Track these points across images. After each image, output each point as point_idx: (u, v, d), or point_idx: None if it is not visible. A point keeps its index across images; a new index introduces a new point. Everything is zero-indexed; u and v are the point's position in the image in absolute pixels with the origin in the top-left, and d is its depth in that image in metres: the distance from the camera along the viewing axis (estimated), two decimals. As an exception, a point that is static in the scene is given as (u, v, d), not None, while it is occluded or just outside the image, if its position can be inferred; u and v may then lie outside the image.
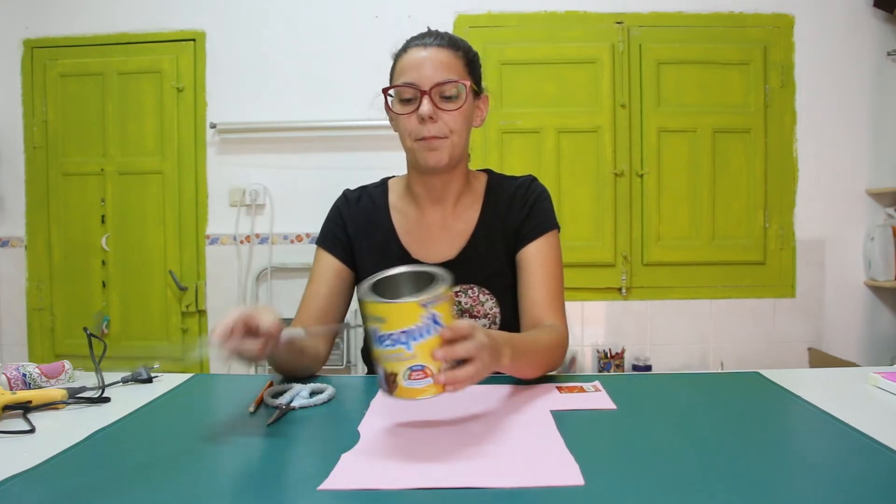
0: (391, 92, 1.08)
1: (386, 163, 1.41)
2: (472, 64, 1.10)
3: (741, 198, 2.80)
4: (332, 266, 1.16)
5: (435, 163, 1.07)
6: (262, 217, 2.86)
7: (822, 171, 2.80)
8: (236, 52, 2.83)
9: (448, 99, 1.06)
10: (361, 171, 1.32)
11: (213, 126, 2.81)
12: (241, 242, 2.86)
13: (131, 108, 2.84)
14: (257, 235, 2.86)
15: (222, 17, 2.83)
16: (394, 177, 1.25)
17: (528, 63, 2.78)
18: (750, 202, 2.80)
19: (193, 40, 2.83)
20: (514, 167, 1.17)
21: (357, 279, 1.18)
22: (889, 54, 2.77)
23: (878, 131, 2.80)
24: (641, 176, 2.79)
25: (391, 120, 1.15)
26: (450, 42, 1.08)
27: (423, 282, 0.76)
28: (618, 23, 2.79)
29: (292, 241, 2.86)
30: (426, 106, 1.03)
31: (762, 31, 2.79)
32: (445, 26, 2.59)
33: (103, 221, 2.86)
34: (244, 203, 2.83)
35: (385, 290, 0.76)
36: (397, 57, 1.10)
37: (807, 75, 2.78)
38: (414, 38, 1.10)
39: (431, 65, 1.05)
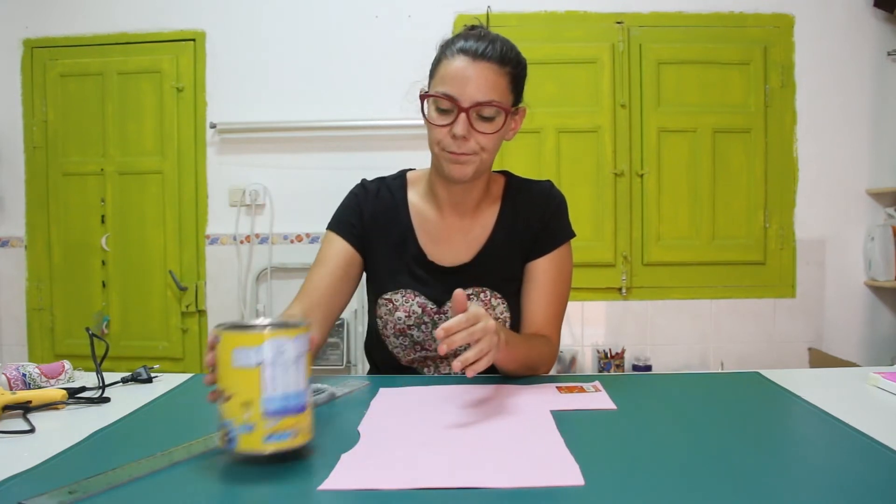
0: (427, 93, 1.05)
1: (387, 163, 1.41)
2: (516, 79, 1.07)
3: (741, 198, 2.80)
4: (342, 250, 1.14)
5: (459, 176, 1.06)
6: (261, 217, 2.86)
7: (822, 171, 2.80)
8: (236, 52, 2.83)
9: (485, 119, 1.02)
10: (362, 171, 1.31)
11: (213, 126, 2.81)
12: (241, 242, 2.86)
13: (131, 108, 2.84)
14: (257, 235, 2.86)
15: (222, 17, 2.83)
16: (412, 170, 1.22)
17: (528, 63, 2.76)
18: (750, 202, 2.80)
19: (193, 40, 2.83)
20: (514, 167, 1.17)
21: (368, 272, 1.17)
22: (889, 54, 2.77)
23: (879, 131, 2.80)
24: (641, 176, 2.79)
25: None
26: (500, 56, 1.03)
27: None
28: (618, 23, 2.79)
29: (292, 241, 2.86)
30: (461, 126, 1.01)
31: (762, 30, 2.79)
32: (445, 26, 2.59)
33: (103, 221, 2.86)
34: (244, 203, 2.83)
35: None
36: (444, 56, 1.05)
37: (807, 75, 2.78)
38: (466, 43, 1.03)
39: (475, 83, 1.00)
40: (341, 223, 1.16)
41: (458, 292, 0.87)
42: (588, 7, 2.80)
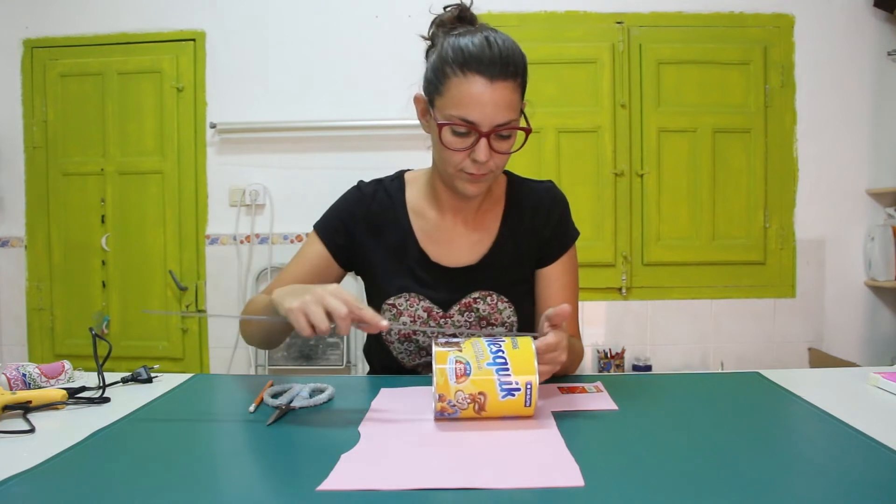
0: (441, 116, 0.99)
1: (387, 163, 1.41)
2: (524, 85, 1.02)
3: (741, 198, 2.80)
4: (321, 254, 1.14)
5: (476, 194, 1.05)
6: (261, 217, 2.86)
7: (822, 171, 2.80)
8: (236, 52, 2.83)
9: (502, 138, 0.99)
10: (362, 171, 1.31)
11: (213, 126, 2.81)
12: (241, 242, 2.86)
13: (131, 108, 2.84)
14: (257, 235, 2.86)
15: (222, 17, 2.83)
16: (410, 170, 1.21)
17: (529, 63, 2.76)
18: (750, 202, 2.80)
19: (193, 40, 2.83)
20: (514, 167, 1.17)
21: (366, 279, 1.17)
22: (889, 54, 2.77)
23: (879, 131, 2.80)
24: (641, 176, 2.79)
25: (424, 127, 1.08)
26: (513, 70, 0.97)
27: None
28: (618, 23, 2.79)
29: (292, 241, 2.86)
30: (483, 152, 0.97)
31: (762, 30, 2.79)
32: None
33: (103, 221, 2.86)
34: (244, 203, 2.83)
35: None
36: (452, 73, 0.96)
37: (807, 75, 2.79)
38: (477, 60, 0.95)
39: (495, 105, 0.95)
40: (326, 228, 1.15)
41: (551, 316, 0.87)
42: (588, 7, 2.80)
